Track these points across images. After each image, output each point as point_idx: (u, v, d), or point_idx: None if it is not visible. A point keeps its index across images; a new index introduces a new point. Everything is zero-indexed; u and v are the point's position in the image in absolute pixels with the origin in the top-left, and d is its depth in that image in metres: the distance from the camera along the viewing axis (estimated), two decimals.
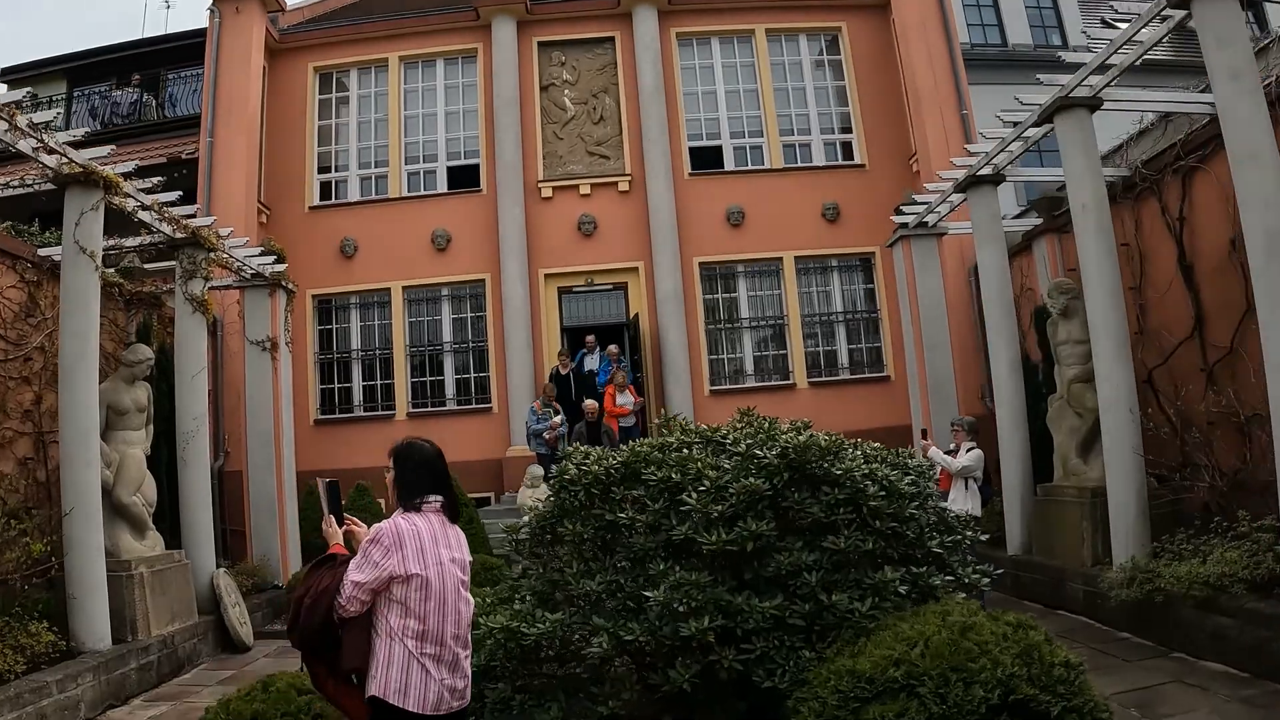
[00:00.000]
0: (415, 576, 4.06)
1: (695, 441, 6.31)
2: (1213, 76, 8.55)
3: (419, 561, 4.08)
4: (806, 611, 5.35)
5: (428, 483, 4.34)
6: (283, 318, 15.29)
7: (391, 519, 4.21)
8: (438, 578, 4.13)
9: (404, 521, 4.17)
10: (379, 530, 4.13)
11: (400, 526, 4.13)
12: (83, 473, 9.87)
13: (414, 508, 4.27)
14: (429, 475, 4.37)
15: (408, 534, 4.11)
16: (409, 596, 4.07)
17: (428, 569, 4.10)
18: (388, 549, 4.06)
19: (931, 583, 5.63)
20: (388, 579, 4.06)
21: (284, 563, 14.53)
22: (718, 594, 5.33)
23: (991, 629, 4.92)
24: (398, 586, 4.07)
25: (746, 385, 19.34)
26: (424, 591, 4.08)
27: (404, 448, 4.45)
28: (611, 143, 20.29)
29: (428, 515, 4.27)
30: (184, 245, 12.68)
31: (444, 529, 4.31)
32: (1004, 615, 5.18)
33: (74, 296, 10.21)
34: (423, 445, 4.48)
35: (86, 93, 23.33)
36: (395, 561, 4.04)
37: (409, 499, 4.29)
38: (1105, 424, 10.12)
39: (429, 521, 4.24)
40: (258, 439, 14.92)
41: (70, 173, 10.32)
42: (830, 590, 5.39)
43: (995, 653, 4.71)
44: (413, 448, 4.45)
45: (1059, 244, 14.19)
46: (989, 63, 21.21)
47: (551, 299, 19.60)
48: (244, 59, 18.96)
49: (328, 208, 20.13)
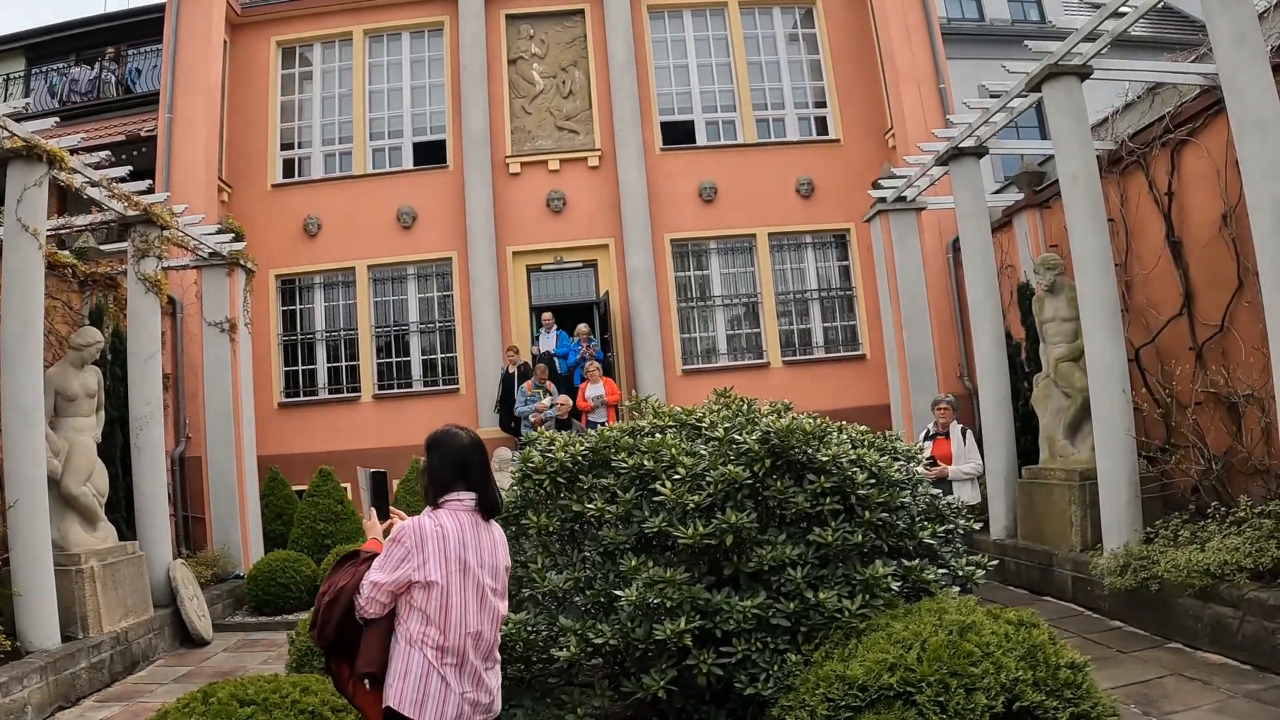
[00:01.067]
0: (435, 583, 3.74)
1: (669, 425, 5.95)
2: (1215, 41, 8.19)
3: (440, 567, 3.75)
4: (791, 610, 5.00)
5: (458, 477, 3.95)
6: (241, 298, 14.79)
7: (417, 517, 3.86)
8: (459, 585, 3.79)
9: (429, 521, 3.84)
10: (401, 529, 3.80)
11: (424, 526, 3.80)
12: (27, 462, 9.43)
13: (440, 505, 3.93)
14: (460, 468, 3.97)
15: (431, 535, 3.78)
16: (429, 604, 3.74)
17: (449, 576, 3.77)
18: (408, 550, 3.74)
19: (925, 577, 5.29)
20: (407, 582, 3.75)
21: (245, 551, 14.10)
22: (695, 592, 4.96)
23: (992, 629, 4.61)
24: (418, 592, 3.75)
25: (719, 365, 18.99)
26: (444, 600, 3.75)
27: (435, 436, 4.08)
28: (581, 117, 19.84)
29: (457, 514, 3.90)
30: (136, 223, 12.20)
31: (474, 530, 3.92)
32: (1004, 613, 4.87)
33: (16, 276, 9.75)
34: (455, 434, 4.08)
35: (46, 70, 22.74)
36: (414, 565, 3.73)
37: (436, 495, 3.95)
38: (1096, 404, 9.80)
39: (457, 521, 3.87)
40: (217, 423, 14.47)
41: (11, 147, 9.85)
42: (817, 587, 5.05)
43: (998, 655, 4.41)
44: (444, 436, 4.06)
45: (1040, 219, 13.91)
46: (966, 37, 21.04)
47: (520, 277, 19.17)
48: (204, 33, 18.40)
49: (290, 185, 19.58)
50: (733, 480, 5.18)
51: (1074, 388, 10.88)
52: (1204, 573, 7.87)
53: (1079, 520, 10.40)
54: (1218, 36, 8.15)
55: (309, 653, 6.79)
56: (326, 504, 14.01)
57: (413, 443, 16.73)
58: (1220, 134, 9.70)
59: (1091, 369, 9.92)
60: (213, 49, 18.49)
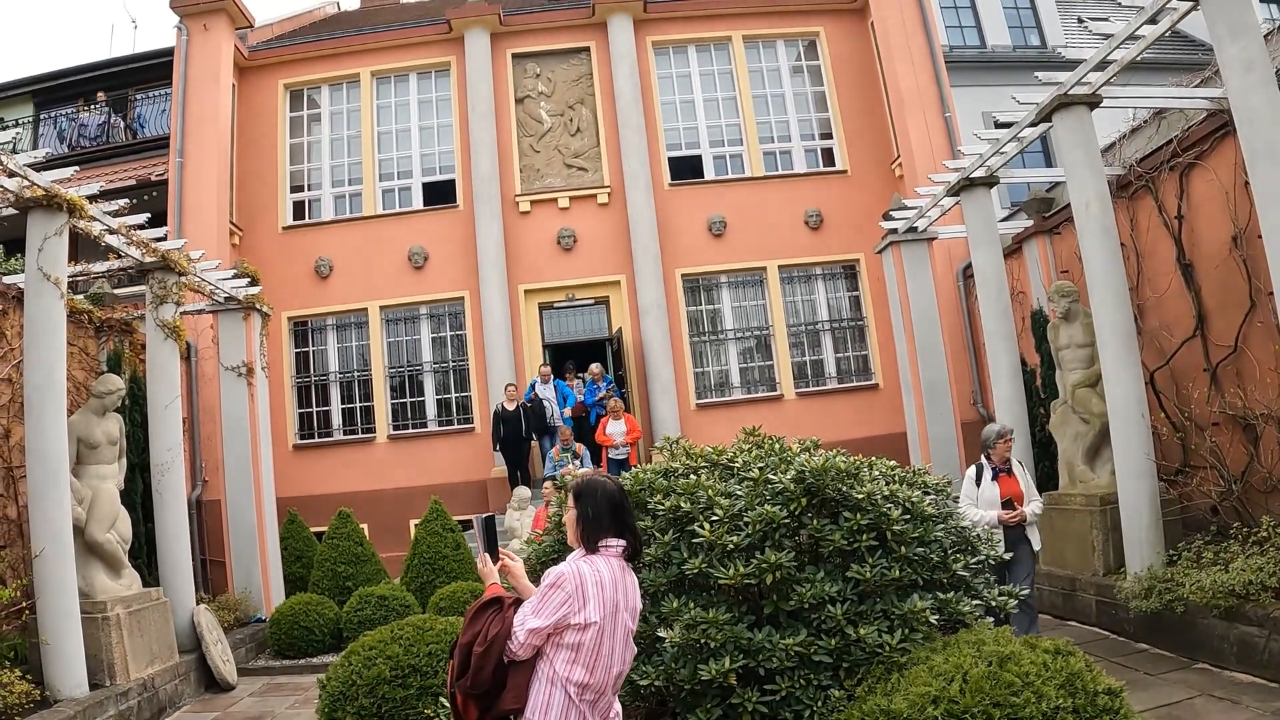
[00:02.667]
0: (592, 625, 3.81)
1: (702, 466, 5.98)
2: (1225, 68, 8.26)
3: (599, 610, 3.83)
4: (833, 647, 5.02)
5: (611, 524, 4.04)
6: (258, 341, 14.84)
7: (573, 562, 3.93)
8: (611, 628, 3.87)
9: (587, 566, 3.91)
10: (560, 575, 3.86)
11: (583, 572, 3.87)
12: (53, 511, 9.44)
13: (595, 550, 3.99)
14: (613, 515, 4.06)
15: (590, 580, 3.85)
16: (582, 643, 3.81)
17: (605, 618, 3.84)
18: (569, 595, 3.80)
19: (961, 609, 5.30)
20: (563, 624, 3.81)
21: (266, 594, 14.09)
22: (737, 632, 4.99)
23: (1030, 658, 4.63)
24: (571, 633, 3.81)
25: (733, 398, 19.08)
26: (598, 640, 3.82)
27: (586, 485, 4.15)
28: (589, 154, 19.98)
29: (609, 559, 3.98)
30: (154, 270, 12.28)
31: (624, 574, 4.01)
32: (1040, 642, 4.89)
33: (38, 325, 9.79)
34: (604, 482, 4.16)
35: (54, 115, 22.86)
36: (575, 609, 3.79)
37: (592, 541, 4.01)
38: (1115, 429, 9.83)
39: (610, 567, 3.95)
40: (236, 466, 14.47)
41: (32, 196, 9.90)
42: (857, 623, 5.07)
43: (1038, 684, 4.43)
44: (595, 484, 4.14)
45: (1050, 246, 13.98)
46: (968, 64, 21.09)
47: (532, 315, 19.25)
48: (213, 77, 18.57)
49: (301, 227, 19.72)
50: (771, 520, 5.22)
51: (1092, 413, 10.91)
52: (1229, 593, 7.91)
53: (1101, 544, 10.41)
54: (1227, 64, 8.23)
55: (342, 698, 6.83)
56: (346, 545, 13.99)
57: (429, 482, 17.08)
58: (1228, 157, 9.79)
59: (1109, 394, 9.96)
60: (222, 93, 18.65)
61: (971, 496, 8.74)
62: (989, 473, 8.81)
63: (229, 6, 18.84)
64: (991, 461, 8.87)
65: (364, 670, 6.95)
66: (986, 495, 8.70)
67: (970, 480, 8.92)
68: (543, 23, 20.62)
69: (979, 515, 8.39)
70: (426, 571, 13.25)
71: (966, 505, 8.43)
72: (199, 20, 18.70)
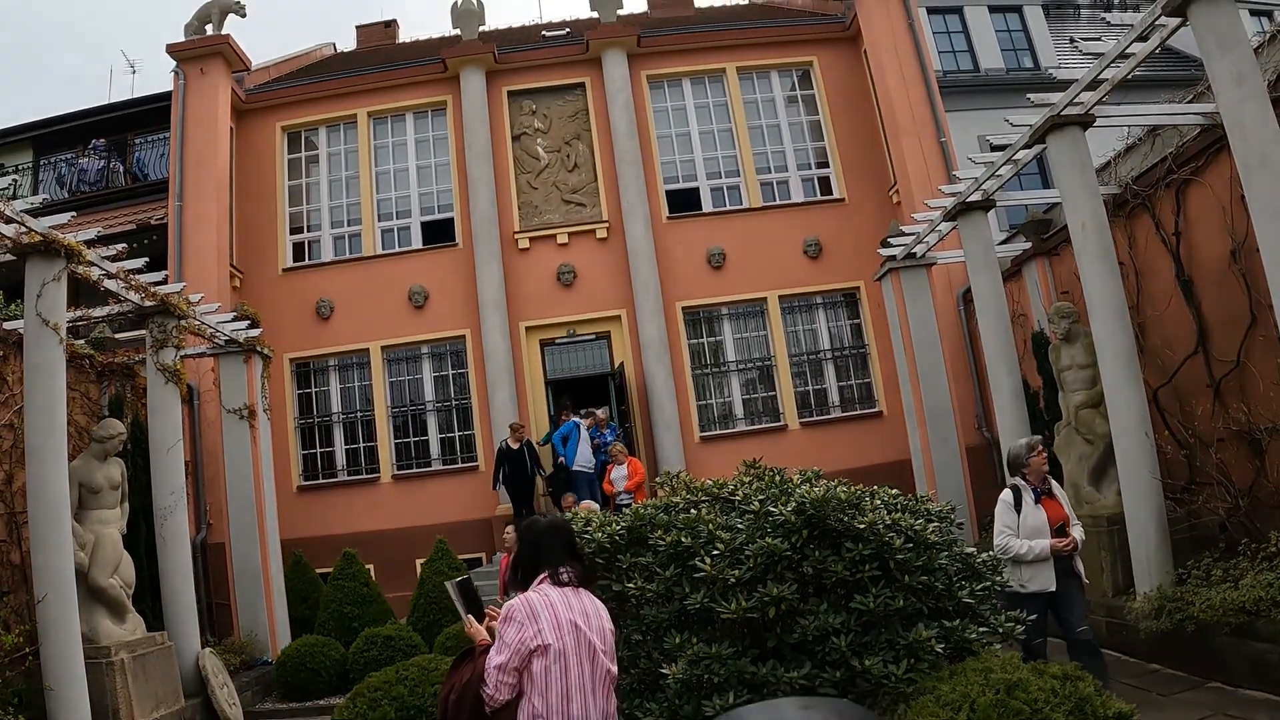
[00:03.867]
0: (551, 646, 3.88)
1: (702, 500, 5.95)
2: (1215, 83, 8.28)
3: (554, 631, 3.91)
4: (838, 679, 4.98)
5: (549, 556, 4.18)
6: (259, 384, 14.82)
7: (521, 596, 4.05)
8: (574, 646, 3.94)
9: (534, 594, 4.04)
10: (510, 608, 3.98)
11: (531, 599, 3.99)
12: (55, 556, 9.39)
13: (540, 580, 4.13)
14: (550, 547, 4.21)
15: (539, 603, 3.97)
16: (549, 669, 3.88)
17: (563, 638, 3.92)
18: (521, 624, 3.90)
19: (967, 637, 5.25)
20: (528, 654, 3.88)
21: (272, 637, 14.00)
22: (741, 666, 4.95)
23: (1039, 684, 4.59)
24: (536, 661, 3.87)
25: (737, 429, 19.03)
26: (562, 663, 3.89)
27: (525, 526, 4.40)
28: (587, 190, 20.03)
29: (555, 586, 4.09)
30: (153, 314, 12.30)
31: (576, 595, 4.11)
32: (1048, 667, 4.84)
33: (38, 371, 9.79)
34: (536, 520, 4.40)
35: (54, 161, 22.91)
36: (530, 634, 3.88)
37: (526, 580, 4.17)
38: (1119, 449, 9.78)
39: (560, 592, 4.07)
40: (239, 509, 14.42)
41: (29, 242, 9.92)
42: (862, 654, 5.02)
43: (1046, 711, 4.40)
44: (530, 524, 4.38)
45: (1049, 267, 13.99)
46: (962, 89, 21.17)
47: (534, 352, 19.25)
48: (210, 120, 18.68)
49: (301, 269, 19.76)
50: (772, 553, 5.19)
51: (1095, 434, 10.87)
52: (1239, 610, 7.83)
53: (1109, 565, 10.33)
54: (1218, 77, 8.24)
55: None
56: (352, 586, 13.93)
57: (434, 521, 17.00)
58: (1224, 171, 9.79)
59: (1112, 414, 9.91)
60: (220, 136, 18.75)
61: (1012, 525, 7.62)
62: (1030, 496, 7.71)
63: (225, 50, 19.00)
64: (1029, 481, 7.78)
65: (370, 712, 6.92)
66: (1031, 523, 7.57)
67: (1008, 507, 7.73)
68: (537, 60, 20.73)
69: (1026, 547, 7.44)
70: (433, 611, 13.18)
71: (1008, 537, 7.54)
72: (196, 64, 18.85)
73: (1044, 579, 7.39)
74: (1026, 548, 7.42)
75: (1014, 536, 7.52)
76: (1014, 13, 23.22)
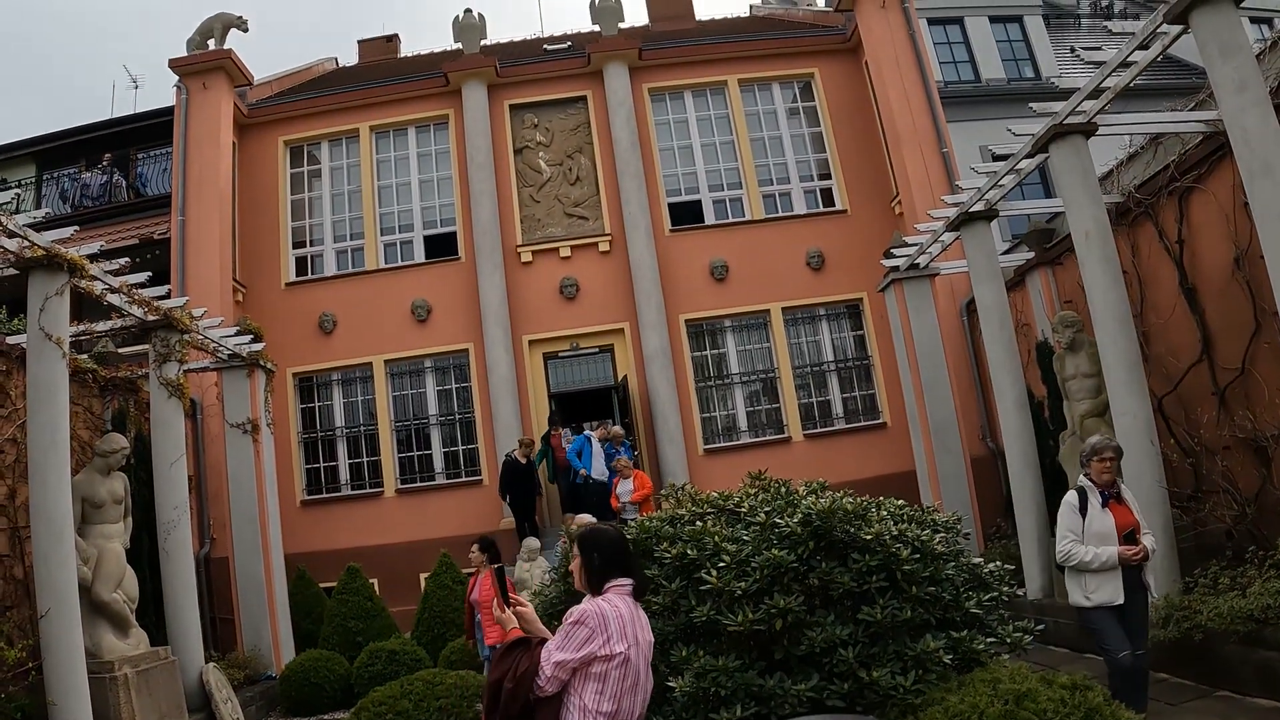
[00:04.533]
0: (618, 655, 4.02)
1: (708, 512, 5.92)
2: (1218, 89, 8.26)
3: (622, 640, 4.04)
4: (846, 691, 4.96)
5: (615, 566, 4.30)
6: (263, 398, 14.82)
7: (591, 601, 4.16)
8: (635, 657, 4.09)
9: (605, 604, 4.13)
10: (583, 612, 4.08)
11: (603, 609, 4.09)
12: (58, 571, 9.36)
13: (603, 592, 4.24)
14: (615, 559, 4.32)
15: (611, 615, 4.07)
16: (609, 675, 4.03)
17: (629, 648, 4.06)
18: (592, 630, 4.02)
19: (975, 647, 5.23)
20: (590, 659, 4.02)
21: (276, 651, 13.96)
22: (748, 678, 4.93)
23: (1048, 695, 4.56)
24: (598, 664, 4.02)
25: (741, 442, 19.00)
26: (623, 669, 4.04)
27: (589, 535, 4.42)
28: (589, 203, 20.03)
29: (622, 596, 4.21)
30: (156, 328, 12.28)
31: (635, 610, 4.25)
32: (1057, 677, 4.81)
33: (41, 385, 9.76)
34: (605, 530, 4.47)
35: (56, 176, 22.91)
36: (599, 642, 4.01)
37: (598, 585, 4.26)
38: (1125, 457, 9.71)
39: (626, 603, 4.19)
40: (243, 523, 14.40)
41: (32, 256, 9.90)
42: (869, 665, 4.99)
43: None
44: (598, 534, 4.43)
45: (1053, 276, 13.95)
46: (963, 99, 21.19)
47: (537, 365, 19.24)
48: (213, 135, 18.71)
49: (304, 283, 19.76)
50: (779, 564, 5.17)
51: None
52: (1247, 618, 7.78)
53: None
54: (1220, 84, 8.22)
55: None
56: (356, 601, 13.91)
57: (438, 535, 16.96)
58: (1226, 178, 9.77)
59: (1118, 422, 9.87)
60: (222, 151, 18.78)
61: (1075, 530, 6.94)
62: (1096, 498, 6.98)
63: (228, 65, 19.05)
64: (1097, 485, 7.01)
65: None
66: (1097, 528, 6.87)
67: (1072, 509, 7.03)
68: (539, 73, 20.78)
69: (1092, 554, 6.78)
70: (437, 625, 13.17)
71: (1071, 543, 6.88)
72: (198, 79, 18.90)
73: (1110, 590, 6.73)
74: (1092, 555, 6.76)
75: (1078, 542, 6.87)
76: (1014, 23, 23.26)
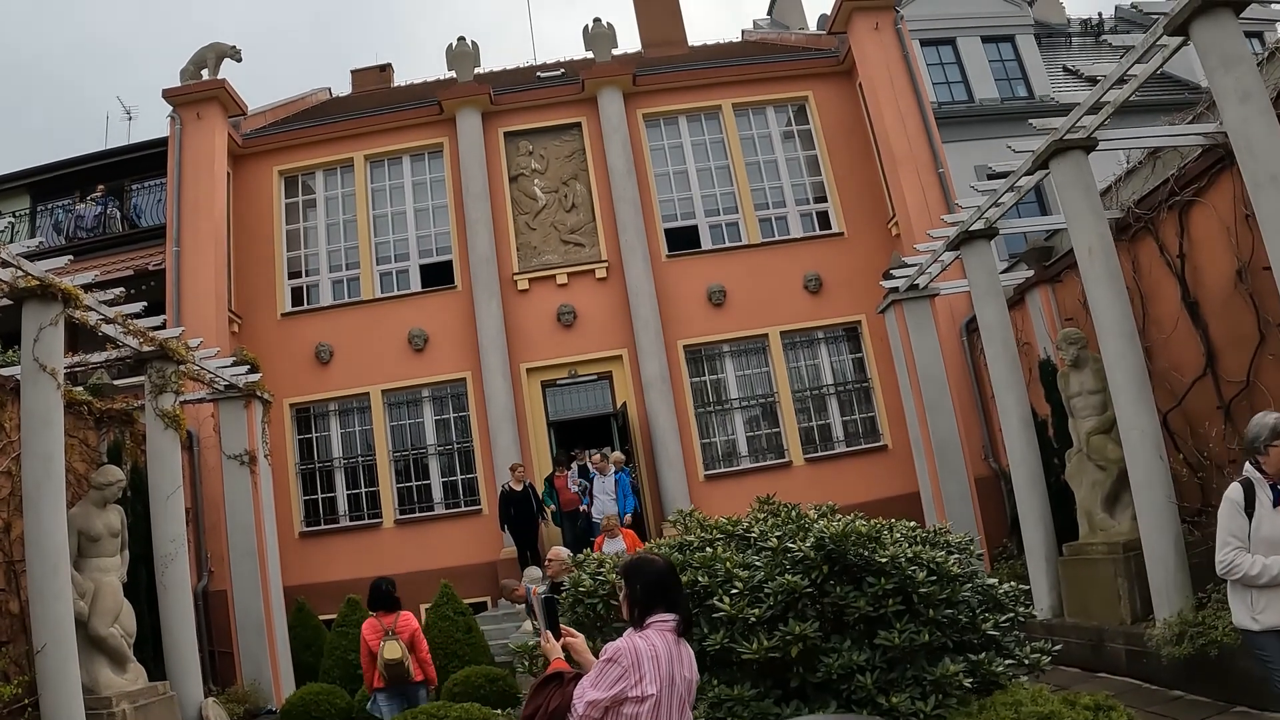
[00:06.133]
0: (650, 698, 3.91)
1: (717, 538, 5.81)
2: (1220, 100, 8.20)
3: (655, 682, 3.92)
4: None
5: (661, 600, 4.13)
6: (260, 429, 14.70)
7: (628, 638, 4.04)
8: (668, 700, 3.96)
9: (642, 641, 4.00)
10: (617, 650, 3.96)
11: (639, 647, 3.97)
12: (54, 605, 9.22)
13: (646, 626, 4.09)
14: (662, 592, 4.16)
15: (646, 655, 3.95)
16: (640, 714, 3.92)
17: (661, 690, 3.94)
18: (625, 670, 3.91)
19: (994, 670, 5.12)
20: (621, 698, 3.92)
21: (276, 685, 13.79)
22: (764, 707, 4.83)
23: (1072, 716, 4.48)
24: (630, 705, 3.92)
25: (742, 467, 18.91)
26: (654, 712, 3.93)
27: (634, 564, 4.32)
28: (585, 230, 19.99)
29: (663, 634, 4.06)
30: (152, 359, 12.16)
31: (678, 648, 4.09)
32: (1080, 698, 4.72)
33: (35, 417, 9.64)
34: (653, 560, 4.32)
35: (50, 207, 22.77)
36: (631, 682, 3.90)
37: (641, 619, 4.11)
38: (1134, 474, 9.65)
39: (665, 641, 4.03)
40: (241, 556, 14.25)
41: (26, 286, 9.81)
42: (888, 691, 4.90)
43: None
44: (643, 563, 4.30)
45: (1053, 294, 13.90)
46: (957, 119, 21.20)
47: (535, 393, 19.15)
48: (207, 165, 18.66)
49: (300, 313, 19.69)
50: (793, 590, 5.08)
51: (1108, 459, 10.73)
52: None
53: (1127, 592, 10.16)
54: (1222, 94, 8.15)
55: None
56: (357, 633, 13.70)
57: (438, 566, 16.83)
58: (1227, 191, 9.74)
59: (1125, 439, 9.78)
60: (216, 181, 18.73)
61: (1240, 535, 5.46)
62: (1267, 495, 5.46)
63: (221, 95, 19.02)
64: (1268, 477, 5.48)
65: None
66: (1266, 532, 5.39)
67: (1235, 509, 5.53)
68: (533, 100, 20.77)
69: (1260, 566, 5.34)
70: (439, 656, 12.96)
71: (1235, 551, 5.43)
72: (192, 109, 18.86)
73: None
74: (1260, 567, 5.31)
75: (1243, 550, 5.42)
76: (1006, 43, 23.31)
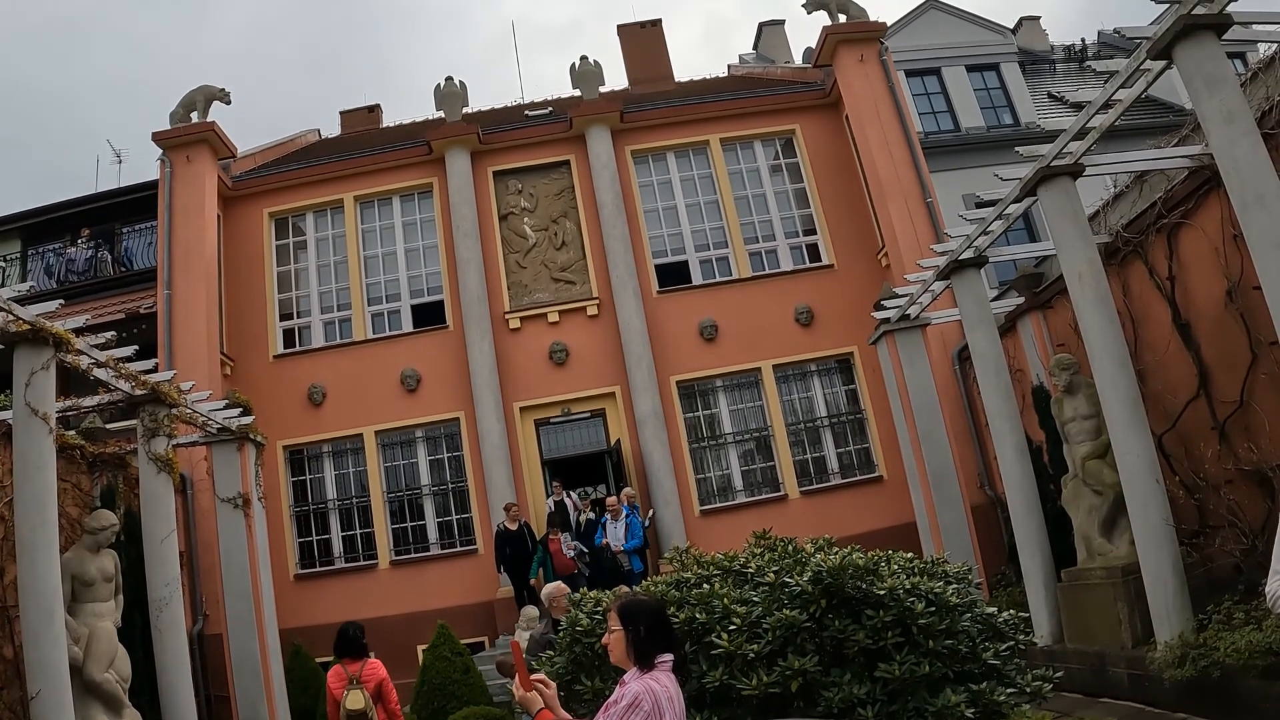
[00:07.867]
0: None
1: (714, 574, 5.79)
2: (1206, 122, 8.26)
3: None
4: None
5: (663, 639, 4.14)
6: (253, 472, 14.65)
7: (643, 680, 3.99)
8: None
9: (655, 684, 3.97)
10: (637, 695, 3.91)
11: (655, 690, 3.94)
12: (49, 651, 9.16)
13: (652, 667, 4.06)
14: (661, 632, 4.16)
15: (663, 696, 3.93)
16: None
17: None
18: (648, 713, 3.87)
19: (997, 699, 5.09)
20: None
21: None
22: None
23: None
24: None
25: (737, 501, 18.87)
26: None
27: (633, 605, 4.26)
28: (576, 267, 20.02)
29: (668, 673, 4.06)
30: (144, 402, 12.12)
31: (676, 688, 4.06)
32: None
33: (28, 462, 9.62)
34: (645, 600, 4.34)
35: (41, 251, 22.78)
36: None
37: (647, 659, 4.08)
38: (1130, 497, 9.64)
39: (671, 679, 4.04)
40: (236, 599, 14.15)
41: (17, 330, 9.80)
42: None
43: None
44: (640, 604, 4.27)
45: (1044, 320, 13.95)
46: (944, 149, 21.34)
47: (529, 432, 19.10)
48: (198, 208, 18.70)
49: (292, 355, 19.66)
50: (791, 624, 5.06)
51: (1104, 484, 10.75)
52: (1266, 651, 7.63)
53: (1127, 616, 10.14)
54: (1208, 116, 8.21)
55: None
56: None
57: (434, 606, 16.73)
58: (1215, 212, 9.80)
59: (1121, 463, 9.79)
60: (207, 224, 18.76)
61: None
62: None
63: (211, 137, 19.10)
64: None
65: None
66: None
67: None
68: (522, 139, 20.87)
69: None
70: (437, 698, 12.88)
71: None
72: (182, 152, 18.92)
73: None
74: None
75: None
76: (991, 71, 23.52)
